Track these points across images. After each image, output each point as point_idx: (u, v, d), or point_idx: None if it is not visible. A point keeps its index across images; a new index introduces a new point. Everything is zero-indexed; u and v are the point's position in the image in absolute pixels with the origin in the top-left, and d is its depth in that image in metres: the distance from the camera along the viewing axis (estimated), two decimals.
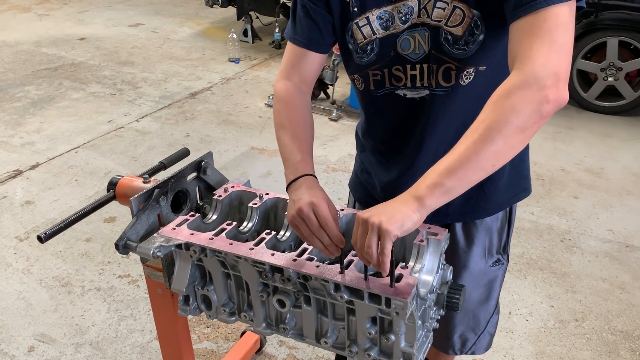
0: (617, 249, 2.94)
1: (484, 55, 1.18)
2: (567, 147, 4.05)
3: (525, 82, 0.97)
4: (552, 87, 0.97)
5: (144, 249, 1.25)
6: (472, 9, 1.13)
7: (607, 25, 4.31)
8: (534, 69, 0.97)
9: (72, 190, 3.46)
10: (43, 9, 7.79)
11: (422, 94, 1.25)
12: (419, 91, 1.25)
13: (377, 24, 1.22)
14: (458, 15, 1.15)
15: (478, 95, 1.18)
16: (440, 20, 1.16)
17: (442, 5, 1.15)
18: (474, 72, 1.20)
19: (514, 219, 1.48)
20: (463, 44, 1.16)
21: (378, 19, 1.22)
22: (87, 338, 2.38)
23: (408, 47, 1.22)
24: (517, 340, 2.37)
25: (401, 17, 1.20)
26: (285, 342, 2.35)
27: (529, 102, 0.97)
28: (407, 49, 1.22)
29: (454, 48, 1.17)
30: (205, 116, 4.54)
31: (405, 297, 1.05)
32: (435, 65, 1.21)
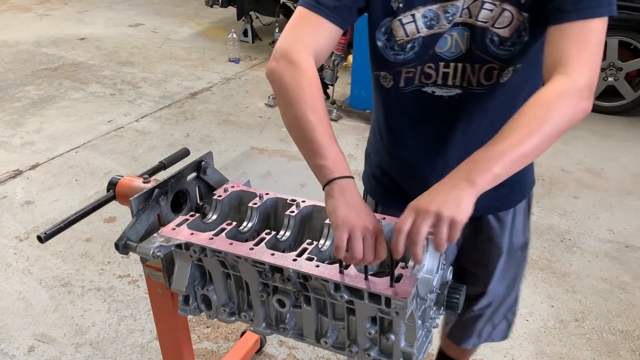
0: (617, 249, 2.94)
1: (524, 55, 1.19)
2: (567, 147, 4.05)
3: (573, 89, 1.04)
4: (587, 100, 1.06)
5: (144, 249, 1.25)
6: (522, 12, 1.13)
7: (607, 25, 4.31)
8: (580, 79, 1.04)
9: (72, 190, 3.46)
10: (43, 9, 7.79)
11: (452, 92, 1.25)
12: (449, 89, 1.24)
13: (422, 22, 1.19)
14: (507, 18, 1.14)
15: (512, 91, 1.21)
16: (487, 22, 1.16)
17: (489, 7, 1.14)
18: (512, 71, 1.21)
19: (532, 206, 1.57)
20: (510, 45, 1.16)
21: (423, 17, 1.18)
22: (87, 338, 2.38)
23: (445, 45, 1.21)
24: (517, 340, 2.37)
25: (448, 16, 1.18)
26: (285, 342, 2.35)
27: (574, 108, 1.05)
28: (444, 47, 1.21)
29: (500, 49, 1.17)
30: (205, 116, 4.54)
31: (405, 297, 1.05)
32: (477, 65, 1.20)
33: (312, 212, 1.39)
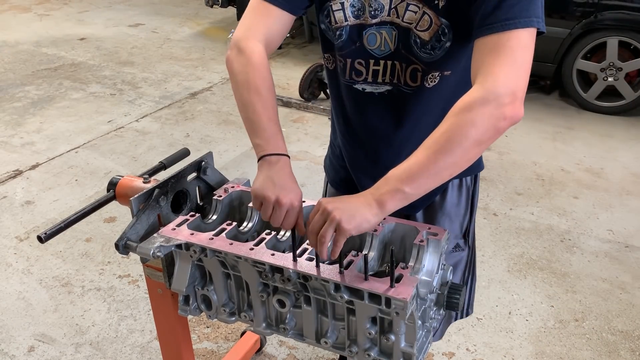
0: (617, 249, 2.94)
1: (450, 61, 1.22)
2: (567, 147, 4.05)
3: (486, 98, 1.01)
4: (509, 105, 1.01)
5: (144, 249, 1.25)
6: (441, 17, 1.17)
7: (607, 25, 4.31)
8: (494, 86, 1.02)
9: (72, 190, 3.46)
10: (43, 9, 7.79)
11: (381, 89, 1.30)
12: (379, 86, 1.29)
13: (350, 11, 1.25)
14: (426, 21, 1.19)
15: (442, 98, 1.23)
16: (411, 23, 1.20)
17: (413, 9, 1.19)
18: (439, 76, 1.24)
19: (475, 207, 1.54)
20: (430, 48, 1.20)
21: (351, 7, 1.25)
22: (87, 338, 2.38)
23: (374, 42, 1.25)
24: (517, 340, 2.37)
25: (371, 10, 1.23)
26: (285, 342, 2.35)
27: (488, 118, 1.01)
28: (373, 44, 1.26)
29: (421, 51, 1.22)
30: (205, 116, 4.54)
31: (405, 297, 1.05)
32: (404, 64, 1.25)
33: None
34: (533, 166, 3.77)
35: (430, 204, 1.49)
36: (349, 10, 1.25)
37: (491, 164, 3.79)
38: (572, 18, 4.42)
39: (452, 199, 1.50)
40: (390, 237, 1.29)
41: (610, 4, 4.28)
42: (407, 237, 1.27)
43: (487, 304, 2.56)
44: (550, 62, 4.60)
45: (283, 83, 5.11)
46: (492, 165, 3.78)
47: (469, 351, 2.31)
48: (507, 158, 3.88)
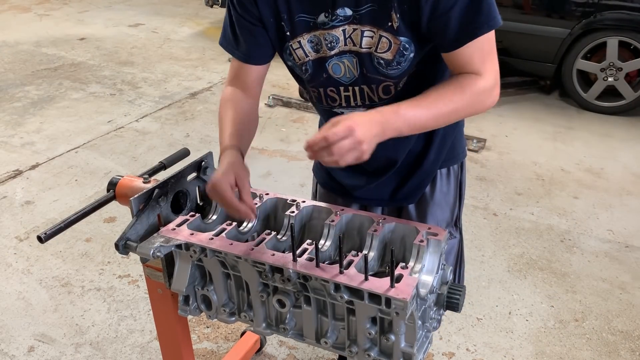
0: (617, 249, 2.94)
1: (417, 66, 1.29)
2: (567, 147, 4.05)
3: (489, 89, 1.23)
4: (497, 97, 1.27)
5: (144, 249, 1.25)
6: (399, 37, 1.23)
7: (607, 25, 4.31)
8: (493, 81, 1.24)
9: (72, 190, 3.46)
10: (43, 9, 7.79)
11: (358, 111, 1.34)
12: (355, 109, 1.36)
13: (309, 47, 1.31)
14: (385, 43, 1.24)
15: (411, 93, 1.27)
16: (371, 47, 1.26)
17: (369, 34, 1.24)
18: (409, 79, 1.31)
19: (464, 194, 1.63)
20: (395, 64, 1.26)
21: (309, 42, 1.31)
22: (87, 338, 2.38)
23: (339, 71, 1.32)
24: (517, 340, 2.37)
25: (327, 44, 1.29)
26: (285, 342, 2.35)
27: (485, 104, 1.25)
28: (339, 73, 1.32)
29: (388, 69, 1.27)
30: (205, 116, 4.54)
31: (405, 297, 1.05)
32: (373, 85, 1.32)
33: (312, 212, 1.39)
34: (533, 166, 3.77)
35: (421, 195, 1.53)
36: (307, 46, 1.31)
37: (491, 164, 3.79)
38: (572, 18, 4.42)
39: (442, 188, 1.55)
40: (390, 237, 1.29)
41: (610, 4, 4.28)
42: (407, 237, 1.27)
43: (487, 304, 2.56)
44: (550, 62, 4.60)
45: (283, 83, 5.11)
46: (492, 165, 3.78)
47: (469, 351, 2.31)
48: (507, 158, 3.88)
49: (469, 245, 2.94)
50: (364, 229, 1.31)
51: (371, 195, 1.55)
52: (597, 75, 4.49)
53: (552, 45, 4.51)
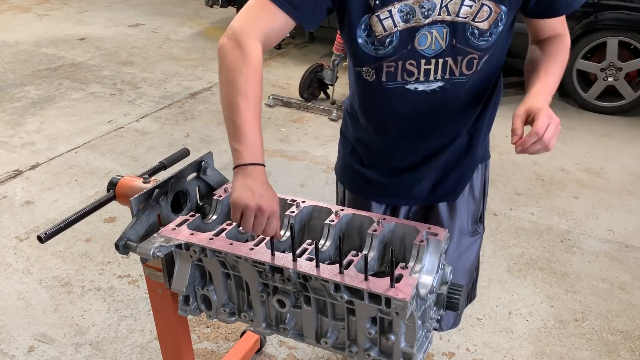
0: (617, 249, 2.94)
1: (499, 44, 1.32)
2: (567, 147, 4.05)
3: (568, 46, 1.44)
4: None
5: (144, 249, 1.25)
6: (500, 5, 1.25)
7: (607, 25, 4.31)
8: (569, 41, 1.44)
9: (72, 190, 3.46)
10: (43, 9, 7.79)
11: (433, 86, 1.33)
12: (431, 84, 1.33)
13: (399, 16, 1.25)
14: (485, 12, 1.25)
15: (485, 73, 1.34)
16: (467, 17, 1.25)
17: (469, 3, 1.24)
18: (487, 58, 1.32)
19: (487, 191, 1.69)
20: (488, 35, 1.28)
21: (399, 12, 1.25)
22: (87, 338, 2.38)
23: (425, 42, 1.28)
24: (517, 340, 2.37)
25: (424, 11, 1.25)
26: (285, 342, 2.35)
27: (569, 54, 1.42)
28: (424, 45, 1.28)
29: (480, 40, 1.28)
30: (205, 116, 4.54)
31: (405, 297, 1.05)
32: (460, 57, 1.29)
33: (312, 212, 1.39)
34: (533, 166, 3.77)
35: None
36: (397, 16, 1.25)
37: (491, 164, 3.77)
38: (572, 18, 4.41)
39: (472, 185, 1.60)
40: (390, 237, 1.29)
41: (610, 4, 4.28)
42: (407, 237, 1.27)
43: (487, 304, 2.56)
44: None
45: (283, 83, 5.11)
46: (492, 165, 3.74)
47: (469, 351, 2.31)
48: (507, 158, 3.88)
49: None
50: (364, 229, 1.31)
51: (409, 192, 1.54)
52: (597, 75, 4.49)
53: None
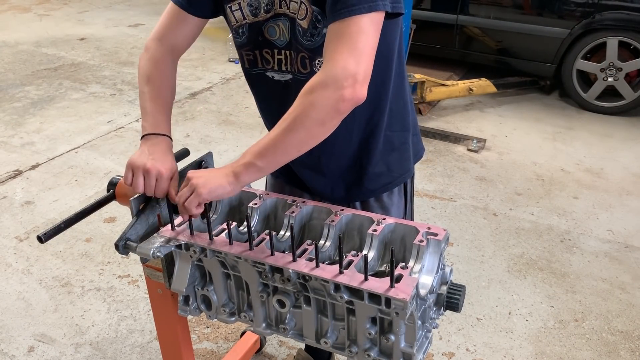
0: (617, 249, 2.94)
1: None
2: (567, 147, 4.05)
3: (325, 82, 1.11)
4: (348, 88, 1.10)
5: (144, 249, 1.25)
6: (312, 5, 1.25)
7: (607, 25, 4.32)
8: (333, 71, 1.11)
9: (72, 191, 3.46)
10: (43, 9, 7.79)
11: (286, 77, 1.38)
12: (284, 74, 1.38)
13: (248, 10, 1.33)
14: (303, 10, 1.26)
15: None
16: (295, 14, 1.28)
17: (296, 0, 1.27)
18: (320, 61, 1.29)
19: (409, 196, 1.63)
20: (310, 35, 1.28)
21: (249, 6, 1.33)
22: (87, 338, 2.38)
23: (274, 33, 1.34)
24: (516, 340, 2.37)
25: (264, 6, 1.32)
26: (285, 342, 2.35)
27: (327, 100, 1.11)
28: (274, 36, 1.34)
29: (304, 39, 1.29)
30: (205, 116, 4.54)
31: (405, 297, 1.05)
32: (294, 53, 1.33)
33: (312, 212, 1.39)
34: (533, 166, 3.77)
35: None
36: (247, 9, 1.33)
37: (491, 164, 3.79)
38: (572, 18, 4.42)
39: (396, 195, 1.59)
40: (390, 237, 1.29)
41: (610, 4, 4.29)
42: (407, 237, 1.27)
43: (487, 304, 2.56)
44: (550, 62, 4.60)
45: None
46: (492, 165, 3.78)
47: (469, 351, 2.31)
48: (507, 158, 3.88)
49: (469, 246, 2.94)
50: (364, 229, 1.31)
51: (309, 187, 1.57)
52: (597, 75, 4.49)
53: (552, 45, 4.51)
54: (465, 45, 4.99)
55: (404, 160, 1.56)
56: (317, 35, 1.27)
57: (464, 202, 3.34)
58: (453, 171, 3.69)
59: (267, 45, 1.36)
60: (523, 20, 4.57)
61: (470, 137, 4.01)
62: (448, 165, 3.77)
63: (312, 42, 1.28)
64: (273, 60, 1.37)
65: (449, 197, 3.39)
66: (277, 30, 1.33)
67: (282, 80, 1.39)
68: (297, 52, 1.32)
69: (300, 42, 1.30)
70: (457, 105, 4.69)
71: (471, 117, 4.51)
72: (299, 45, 1.31)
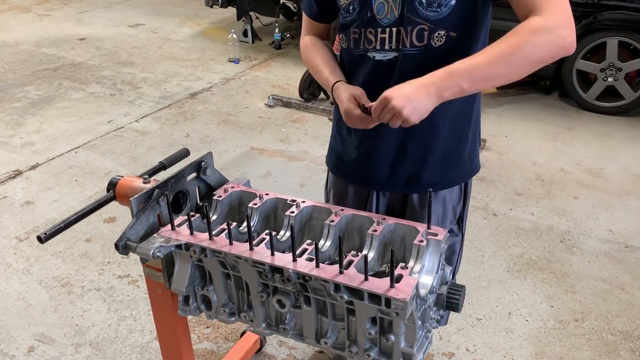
0: (617, 249, 2.94)
1: (455, 21, 1.32)
2: (567, 147, 4.05)
3: (550, 27, 1.18)
4: (569, 37, 1.20)
5: (144, 250, 1.25)
6: None
7: (607, 25, 4.31)
8: (557, 19, 1.19)
9: (72, 191, 3.46)
10: (43, 9, 7.79)
11: (389, 56, 1.41)
12: (387, 53, 1.41)
13: None
14: None
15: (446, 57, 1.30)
16: None
17: None
18: (445, 36, 1.34)
19: (469, 195, 1.70)
20: (436, 6, 1.31)
21: None
22: (87, 338, 2.38)
23: (382, 10, 1.37)
24: (516, 340, 2.37)
25: None
26: (285, 342, 2.35)
27: (550, 44, 1.19)
28: (382, 13, 1.38)
29: (428, 10, 1.31)
30: (205, 116, 4.54)
31: (405, 298, 1.05)
32: (409, 27, 1.35)
33: (312, 212, 1.39)
34: (533, 166, 3.77)
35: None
36: None
37: (491, 164, 3.79)
38: None
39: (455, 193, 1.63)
40: (390, 237, 1.29)
41: (610, 4, 4.29)
42: (407, 237, 1.27)
43: (487, 304, 2.56)
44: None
45: (283, 83, 5.11)
46: (492, 165, 3.78)
47: (469, 351, 2.31)
48: (507, 158, 3.88)
49: (469, 246, 2.94)
50: (364, 229, 1.31)
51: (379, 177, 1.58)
52: (597, 75, 4.49)
53: None
54: None
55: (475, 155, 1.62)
56: (444, 5, 1.30)
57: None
58: None
59: (373, 24, 1.40)
60: None
61: None
62: None
63: (437, 13, 1.31)
64: (376, 39, 1.41)
65: None
66: (386, 7, 1.36)
67: (385, 59, 1.42)
68: (413, 25, 1.34)
69: (420, 15, 1.32)
70: None
71: None
72: (418, 18, 1.33)
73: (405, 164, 1.53)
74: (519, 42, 1.19)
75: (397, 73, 1.41)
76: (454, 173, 1.58)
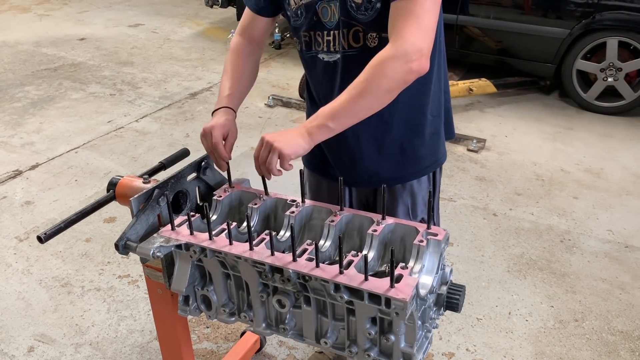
0: (617, 249, 2.94)
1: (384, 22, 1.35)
2: (567, 147, 4.05)
3: (395, 55, 1.26)
4: (416, 61, 1.26)
5: (143, 250, 1.25)
6: None
7: (607, 25, 4.31)
8: (404, 46, 1.25)
9: (72, 191, 3.46)
10: (43, 9, 7.79)
11: (334, 57, 1.48)
12: (332, 55, 1.48)
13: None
14: None
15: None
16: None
17: None
18: (377, 37, 1.40)
19: (438, 185, 1.70)
20: (363, 9, 1.38)
21: None
22: (86, 338, 2.38)
23: (327, 15, 1.44)
24: (516, 340, 2.37)
25: None
26: (285, 342, 2.35)
27: (397, 71, 1.26)
28: (326, 17, 1.44)
29: (358, 13, 1.38)
30: (205, 116, 4.53)
31: (405, 298, 1.05)
32: (345, 30, 1.42)
33: (312, 212, 1.39)
34: (533, 166, 3.77)
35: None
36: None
37: (491, 164, 3.79)
38: (571, 18, 4.42)
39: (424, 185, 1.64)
40: (390, 237, 1.29)
41: (610, 4, 4.28)
42: (407, 237, 1.27)
43: (487, 304, 2.56)
44: (550, 63, 4.60)
45: (283, 83, 5.11)
46: (492, 165, 3.78)
47: (469, 351, 2.31)
48: (506, 158, 3.88)
49: (469, 246, 2.94)
50: (364, 229, 1.32)
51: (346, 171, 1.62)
52: (597, 75, 4.49)
53: (551, 45, 4.51)
54: (465, 46, 4.99)
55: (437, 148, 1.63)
56: (370, 9, 1.36)
57: (463, 202, 3.34)
58: (453, 171, 3.69)
59: (320, 27, 1.46)
60: (523, 20, 4.57)
61: (470, 137, 4.01)
62: (448, 165, 3.77)
63: (366, 16, 1.37)
64: (323, 41, 1.48)
65: (449, 197, 3.39)
66: (329, 11, 1.42)
67: (331, 60, 1.49)
68: (349, 27, 1.41)
69: (353, 17, 1.39)
70: (457, 106, 4.69)
71: (471, 117, 4.51)
72: (353, 21, 1.40)
73: (363, 160, 1.58)
74: (371, 75, 1.27)
75: (340, 73, 1.47)
76: (415, 167, 1.61)
